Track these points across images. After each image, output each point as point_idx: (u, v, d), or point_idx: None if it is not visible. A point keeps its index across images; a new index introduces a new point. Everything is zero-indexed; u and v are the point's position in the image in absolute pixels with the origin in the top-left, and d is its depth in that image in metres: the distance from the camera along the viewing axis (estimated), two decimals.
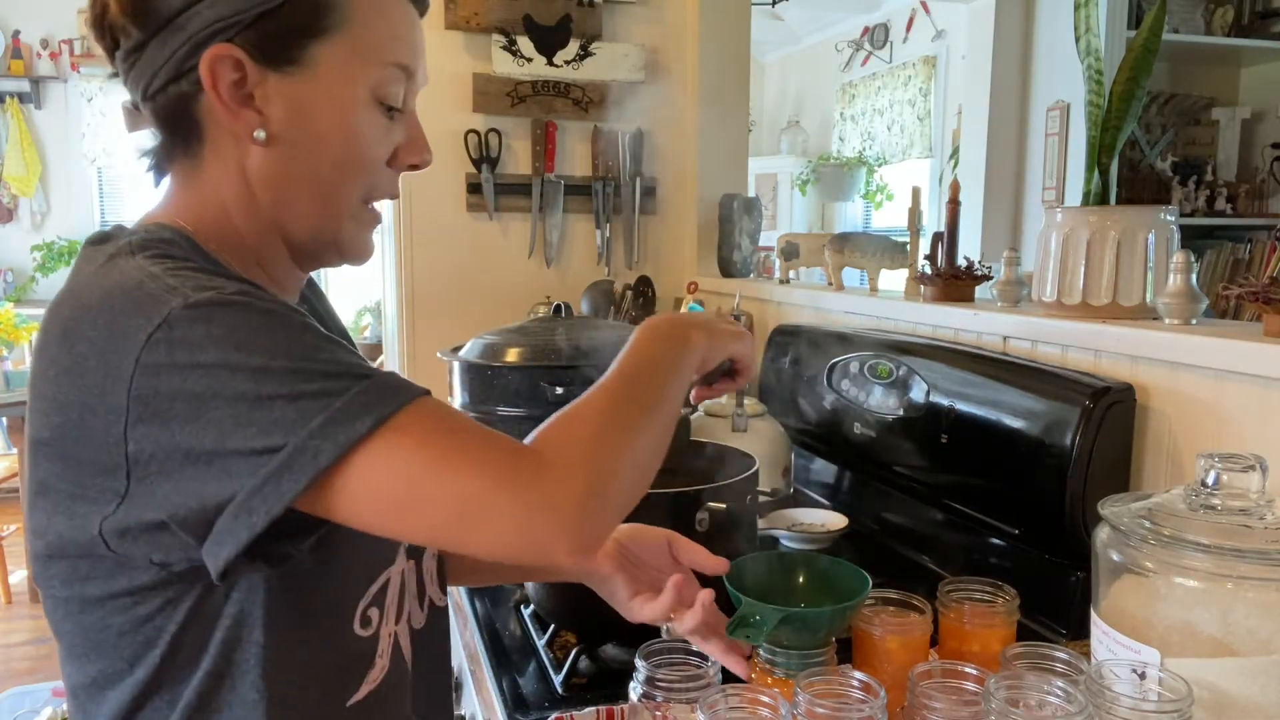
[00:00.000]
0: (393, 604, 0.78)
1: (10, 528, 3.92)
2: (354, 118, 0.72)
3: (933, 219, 4.04)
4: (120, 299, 0.61)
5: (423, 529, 0.62)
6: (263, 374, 0.58)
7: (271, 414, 0.58)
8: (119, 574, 0.65)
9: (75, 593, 0.67)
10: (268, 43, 0.68)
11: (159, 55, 0.68)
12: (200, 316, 0.59)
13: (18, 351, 3.99)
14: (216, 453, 0.58)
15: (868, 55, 5.15)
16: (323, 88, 0.70)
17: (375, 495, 0.59)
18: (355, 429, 0.58)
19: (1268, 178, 3.26)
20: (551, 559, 0.61)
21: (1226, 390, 1.00)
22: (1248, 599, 0.71)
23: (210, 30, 0.67)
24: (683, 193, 2.50)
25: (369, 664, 0.75)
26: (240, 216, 0.72)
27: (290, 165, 0.71)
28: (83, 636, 0.68)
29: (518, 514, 0.60)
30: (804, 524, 1.44)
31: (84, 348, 0.61)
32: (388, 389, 0.61)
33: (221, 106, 0.68)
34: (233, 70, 0.67)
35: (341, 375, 0.60)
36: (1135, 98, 1.18)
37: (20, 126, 5.00)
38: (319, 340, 0.62)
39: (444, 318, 2.35)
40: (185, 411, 0.58)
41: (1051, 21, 3.22)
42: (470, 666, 1.11)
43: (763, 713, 0.70)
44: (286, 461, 0.58)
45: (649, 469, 0.70)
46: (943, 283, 1.48)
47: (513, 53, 2.28)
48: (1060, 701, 0.67)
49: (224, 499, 0.59)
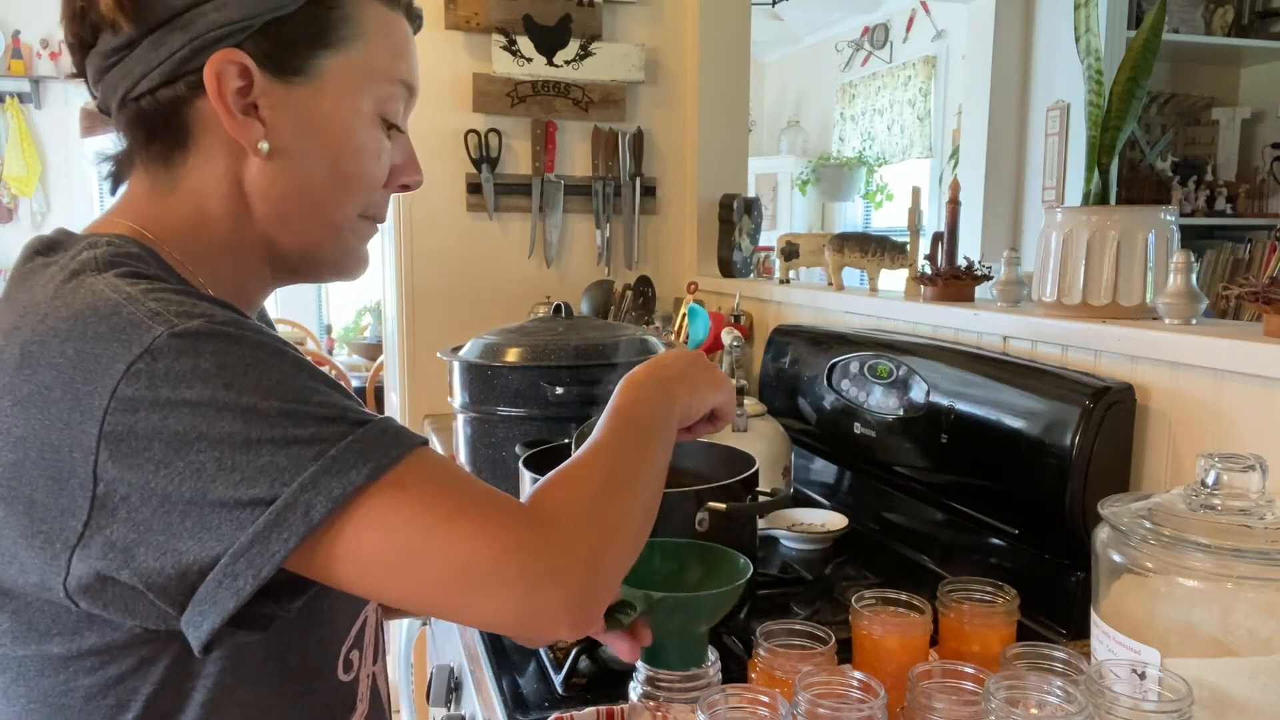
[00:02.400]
0: (370, 643, 0.75)
1: None
2: (358, 133, 0.70)
3: (933, 219, 4.04)
4: (94, 323, 0.55)
5: (419, 595, 0.56)
6: (252, 415, 0.53)
7: (259, 460, 0.53)
8: (87, 631, 0.58)
9: (33, 652, 0.59)
10: (277, 51, 0.65)
11: (153, 55, 0.64)
12: (187, 348, 0.54)
13: None
14: (195, 502, 0.52)
15: (868, 55, 5.15)
16: (329, 101, 0.68)
17: (369, 556, 0.54)
18: (350, 479, 0.53)
19: (1268, 178, 3.26)
20: (553, 633, 0.58)
21: (1226, 390, 1.00)
22: (1248, 599, 0.71)
23: (217, 33, 0.63)
24: (683, 193, 2.50)
25: (350, 709, 0.72)
26: (223, 228, 0.69)
27: (291, 179, 0.68)
28: (40, 701, 0.60)
29: (524, 585, 0.55)
30: (804, 524, 1.44)
31: (48, 376, 0.54)
32: (386, 437, 0.56)
33: (225, 114, 0.65)
34: (239, 77, 0.64)
35: (336, 420, 0.55)
36: (1135, 98, 1.18)
37: (20, 126, 5.00)
38: (314, 380, 0.58)
39: (444, 318, 2.35)
40: (163, 453, 0.52)
41: (1051, 21, 3.22)
42: (470, 666, 1.11)
43: (763, 713, 0.70)
44: (275, 518, 0.52)
45: (645, 527, 0.67)
46: (943, 283, 1.48)
47: (513, 53, 2.28)
48: (1060, 701, 0.67)
49: (205, 561, 0.53)
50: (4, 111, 5.00)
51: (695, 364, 0.82)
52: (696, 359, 0.83)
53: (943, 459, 1.30)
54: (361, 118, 0.70)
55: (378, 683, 0.77)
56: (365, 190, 0.72)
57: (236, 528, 0.52)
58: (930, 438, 1.31)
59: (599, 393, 1.34)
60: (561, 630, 0.58)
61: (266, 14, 0.64)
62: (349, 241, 0.74)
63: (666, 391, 0.76)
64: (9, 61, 4.93)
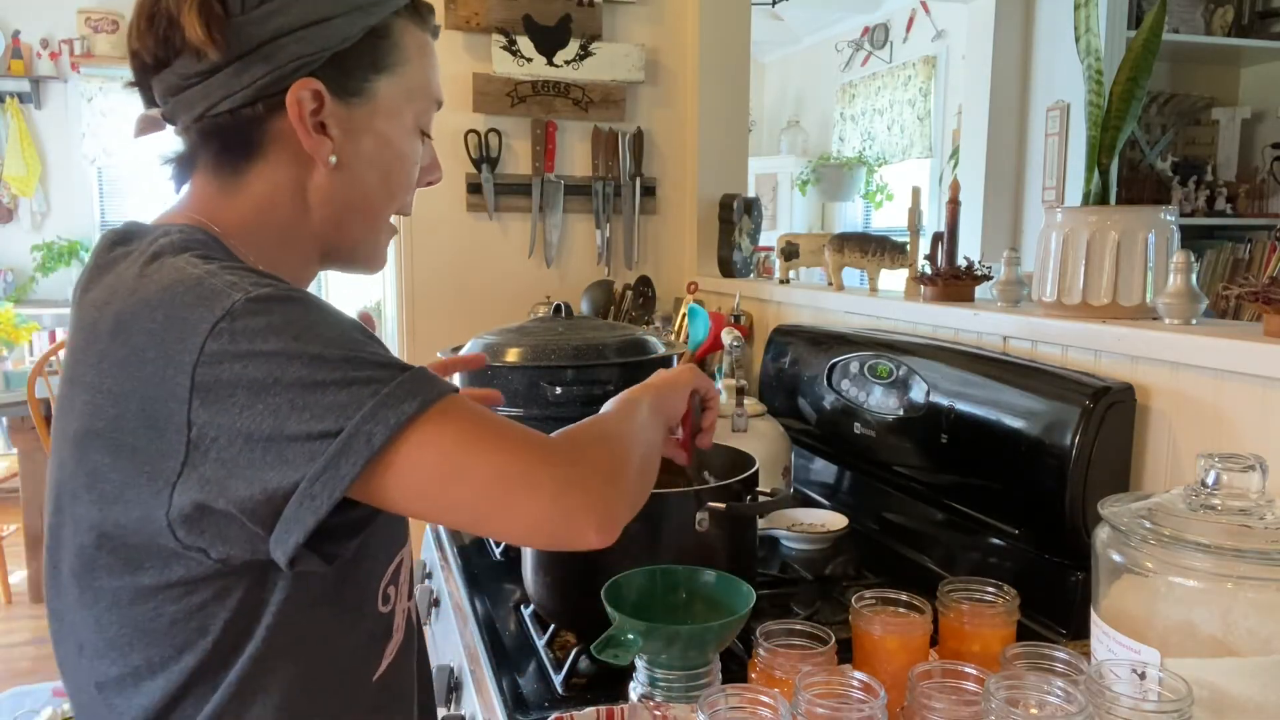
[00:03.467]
0: (405, 581, 0.83)
1: (11, 527, 3.91)
2: (404, 144, 0.81)
3: (933, 219, 4.04)
4: (181, 293, 0.64)
5: (465, 506, 0.65)
6: (318, 362, 0.62)
7: (325, 399, 0.61)
8: (175, 564, 0.66)
9: (126, 583, 0.67)
10: (341, 76, 0.75)
11: (235, 81, 0.72)
12: (261, 309, 0.63)
13: (18, 352, 3.99)
14: (274, 437, 0.61)
15: (868, 55, 5.15)
16: (381, 118, 0.78)
17: (424, 474, 0.63)
18: (403, 410, 0.62)
19: (1268, 178, 3.26)
20: (582, 536, 0.66)
21: (1226, 390, 1.00)
22: (1248, 599, 0.71)
23: (296, 64, 0.73)
24: (683, 193, 2.50)
25: (388, 638, 0.80)
26: (282, 225, 0.78)
27: (350, 187, 0.79)
28: (133, 625, 0.68)
29: (554, 487, 0.64)
30: (804, 524, 1.44)
31: (141, 339, 0.63)
32: (427, 379, 0.65)
33: (303, 133, 0.74)
34: (313, 100, 0.74)
35: (387, 365, 0.64)
36: (1135, 98, 1.18)
37: (20, 126, 5.00)
38: (365, 336, 0.67)
39: (444, 318, 2.36)
40: (245, 398, 0.61)
41: (1051, 21, 3.22)
42: (470, 666, 1.11)
43: (763, 713, 0.70)
44: (342, 447, 0.61)
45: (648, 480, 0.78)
46: (943, 283, 1.48)
47: (513, 53, 2.28)
48: (1060, 701, 0.67)
49: (287, 487, 0.61)
50: (4, 111, 5.00)
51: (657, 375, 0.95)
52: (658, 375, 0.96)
53: (943, 459, 1.30)
54: (405, 130, 0.81)
55: (411, 616, 0.86)
56: (404, 192, 0.84)
57: (310, 458, 0.61)
58: (930, 438, 1.31)
59: (599, 393, 1.34)
60: (590, 533, 0.66)
61: (335, 46, 0.74)
62: (381, 239, 0.85)
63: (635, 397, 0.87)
64: (9, 61, 4.93)
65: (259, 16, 0.71)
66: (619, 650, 0.77)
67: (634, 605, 0.85)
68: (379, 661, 0.79)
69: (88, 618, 0.70)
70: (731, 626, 0.82)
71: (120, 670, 0.70)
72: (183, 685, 0.69)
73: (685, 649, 0.79)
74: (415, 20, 0.80)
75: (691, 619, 0.87)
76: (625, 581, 0.88)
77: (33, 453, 3.53)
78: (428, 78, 0.82)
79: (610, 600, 0.83)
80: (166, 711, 0.69)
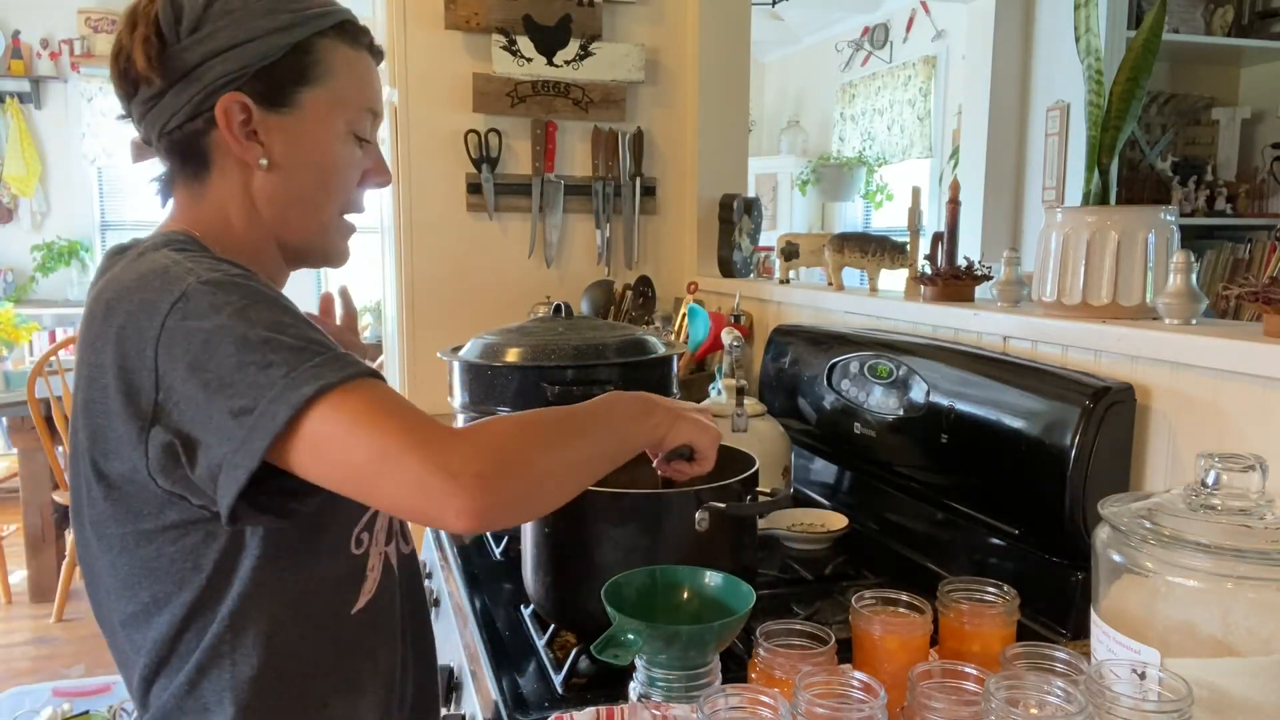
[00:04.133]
0: (381, 529, 0.92)
1: (10, 527, 3.91)
2: (335, 148, 0.90)
3: (933, 219, 4.04)
4: (152, 279, 0.76)
5: (350, 479, 0.72)
6: (244, 344, 0.72)
7: (247, 378, 0.71)
8: (169, 509, 0.78)
9: (131, 529, 0.80)
10: (267, 89, 0.86)
11: (177, 101, 0.84)
12: (208, 291, 0.74)
13: (18, 351, 3.99)
14: (211, 410, 0.72)
15: (868, 55, 5.15)
16: (310, 125, 0.88)
17: (318, 449, 0.71)
18: (303, 393, 0.70)
19: (1268, 178, 3.26)
20: (441, 519, 0.71)
21: (1226, 390, 1.00)
22: (1248, 599, 0.71)
23: (223, 81, 0.84)
24: (683, 193, 2.50)
25: (362, 577, 0.90)
26: (242, 226, 0.89)
27: (286, 186, 0.89)
28: (140, 566, 0.81)
29: (421, 472, 0.70)
30: (804, 524, 1.44)
31: (122, 319, 0.75)
32: (338, 363, 0.73)
33: (232, 140, 0.85)
34: (240, 111, 0.85)
35: (303, 350, 0.73)
36: (1135, 98, 1.18)
37: (20, 126, 5.00)
38: (294, 319, 0.76)
39: (444, 318, 2.35)
40: (188, 371, 0.72)
41: (1051, 21, 3.22)
42: (470, 666, 1.11)
43: (763, 713, 0.70)
44: (255, 423, 0.70)
45: (562, 483, 0.80)
46: (943, 283, 1.48)
47: (513, 53, 2.28)
48: (1060, 701, 0.67)
49: (220, 456, 0.71)
50: (4, 111, 5.00)
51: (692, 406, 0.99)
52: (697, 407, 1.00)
53: (943, 459, 1.30)
54: (337, 136, 0.90)
55: (390, 560, 0.94)
56: (343, 192, 0.93)
57: (232, 431, 0.71)
58: (930, 438, 1.31)
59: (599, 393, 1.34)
60: (449, 517, 0.70)
61: (257, 63, 0.85)
62: (333, 234, 0.94)
63: (647, 409, 0.91)
64: (9, 61, 4.94)
65: (189, 44, 0.83)
66: (619, 650, 0.77)
67: (634, 605, 0.85)
68: (355, 598, 0.89)
69: (105, 563, 0.82)
70: (731, 626, 0.82)
71: (134, 607, 0.82)
72: (184, 618, 0.81)
73: (685, 649, 0.79)
74: (343, 39, 0.90)
75: (691, 619, 0.87)
76: (625, 581, 0.88)
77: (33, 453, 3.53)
78: (357, 89, 0.91)
79: (610, 600, 0.83)
80: (174, 642, 0.82)
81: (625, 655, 0.78)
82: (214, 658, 0.82)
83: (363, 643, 0.91)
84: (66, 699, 2.76)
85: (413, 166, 2.31)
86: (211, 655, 0.82)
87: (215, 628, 0.81)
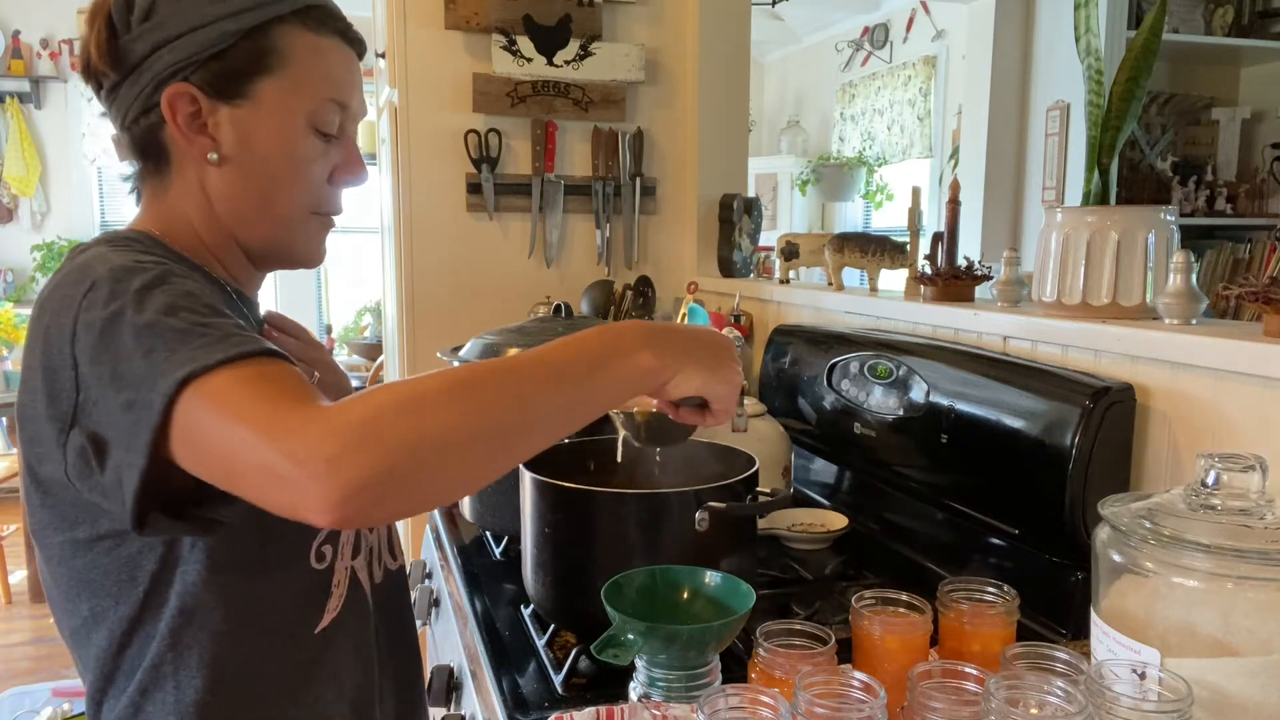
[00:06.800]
0: (347, 543, 0.86)
1: (10, 528, 3.91)
2: (293, 142, 0.84)
3: (933, 219, 4.04)
4: (73, 274, 0.72)
5: (220, 472, 0.64)
6: (135, 330, 0.66)
7: (134, 368, 0.65)
8: (102, 518, 0.73)
9: (67, 537, 0.75)
10: (218, 80, 0.80)
11: (130, 93, 0.81)
12: (113, 280, 0.69)
13: (18, 351, 3.99)
14: (110, 404, 0.66)
15: (868, 55, 5.15)
16: (266, 117, 0.82)
17: (190, 441, 0.64)
18: (174, 378, 0.63)
19: (1268, 178, 3.26)
20: (305, 517, 0.60)
21: (1226, 390, 1.00)
22: (1248, 599, 0.71)
23: (170, 71, 0.79)
24: (683, 193, 2.50)
25: (327, 594, 0.85)
26: (201, 226, 0.84)
27: (241, 182, 0.83)
28: (77, 577, 0.76)
29: (271, 460, 0.60)
30: (804, 524, 1.44)
31: (49, 318, 0.71)
32: (224, 344, 0.65)
33: (179, 133, 0.80)
34: (189, 104, 0.80)
35: (188, 332, 0.65)
36: (1135, 98, 1.18)
37: (20, 126, 5.00)
38: (194, 304, 0.69)
39: (444, 318, 2.35)
40: (90, 364, 0.67)
41: (1051, 21, 3.22)
42: (470, 666, 1.11)
43: (763, 713, 0.70)
44: (137, 416, 0.64)
45: (473, 456, 0.64)
46: (943, 283, 1.48)
47: (513, 53, 2.28)
48: (1060, 701, 0.67)
49: (120, 459, 0.66)
50: (4, 111, 5.00)
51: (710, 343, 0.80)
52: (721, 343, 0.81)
53: (943, 459, 1.30)
54: (295, 129, 0.83)
55: (359, 576, 0.89)
56: (306, 189, 0.86)
57: (125, 425, 0.65)
58: (930, 438, 1.31)
59: None
60: (308, 513, 0.60)
61: (205, 52, 0.79)
62: (298, 234, 0.87)
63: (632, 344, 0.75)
64: (9, 61, 4.93)
65: (139, 33, 0.79)
66: (619, 650, 0.77)
67: (634, 605, 0.85)
68: (318, 616, 0.84)
69: (48, 573, 0.79)
70: (731, 626, 0.82)
71: (75, 620, 0.78)
72: (124, 634, 0.77)
73: (685, 649, 0.79)
74: (307, 25, 0.83)
75: (691, 619, 0.87)
76: (625, 581, 0.88)
77: None
78: (320, 80, 0.84)
79: (610, 600, 0.83)
80: (116, 659, 0.77)
81: (625, 655, 0.78)
82: (156, 679, 0.77)
83: (325, 665, 0.85)
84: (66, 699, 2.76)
85: (413, 166, 2.31)
86: (153, 675, 0.77)
87: (156, 645, 0.76)
